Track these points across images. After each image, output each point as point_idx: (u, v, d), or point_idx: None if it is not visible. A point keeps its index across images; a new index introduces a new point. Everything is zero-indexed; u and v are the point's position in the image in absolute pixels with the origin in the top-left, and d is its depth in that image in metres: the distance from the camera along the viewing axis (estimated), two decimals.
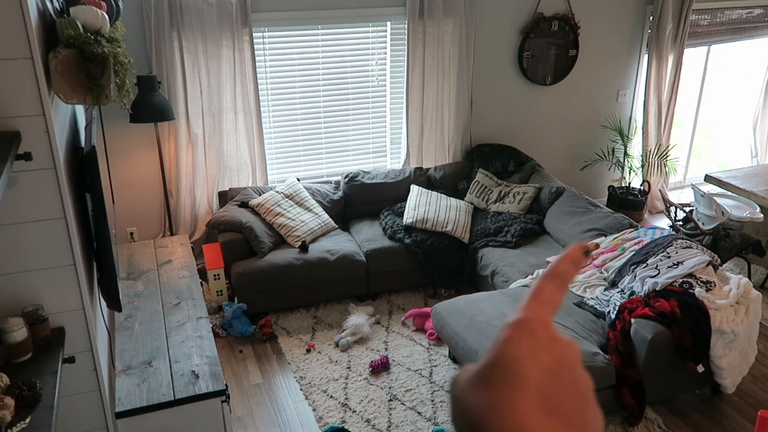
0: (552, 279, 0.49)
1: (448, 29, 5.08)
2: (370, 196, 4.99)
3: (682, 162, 6.74)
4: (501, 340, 0.44)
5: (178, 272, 3.65)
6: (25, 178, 2.02)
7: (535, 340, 0.44)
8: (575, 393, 0.43)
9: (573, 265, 0.50)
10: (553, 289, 0.48)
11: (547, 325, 0.45)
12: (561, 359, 0.44)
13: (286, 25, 4.71)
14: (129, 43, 4.18)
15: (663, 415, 3.51)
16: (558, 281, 0.49)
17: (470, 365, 0.46)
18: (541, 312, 0.46)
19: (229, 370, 3.88)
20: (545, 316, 0.46)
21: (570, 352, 0.45)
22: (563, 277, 0.49)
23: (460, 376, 0.45)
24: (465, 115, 5.41)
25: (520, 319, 0.45)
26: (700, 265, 3.58)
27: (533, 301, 0.47)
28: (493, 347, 0.44)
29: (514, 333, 0.44)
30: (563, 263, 0.50)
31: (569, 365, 0.44)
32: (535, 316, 0.45)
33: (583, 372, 0.45)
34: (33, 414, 1.81)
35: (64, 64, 1.99)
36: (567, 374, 0.43)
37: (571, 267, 0.50)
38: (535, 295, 0.47)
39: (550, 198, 4.87)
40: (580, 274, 3.95)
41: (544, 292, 0.48)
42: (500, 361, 0.42)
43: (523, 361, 0.42)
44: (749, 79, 7.74)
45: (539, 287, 0.48)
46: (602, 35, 5.76)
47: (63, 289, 2.19)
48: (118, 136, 4.53)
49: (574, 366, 0.45)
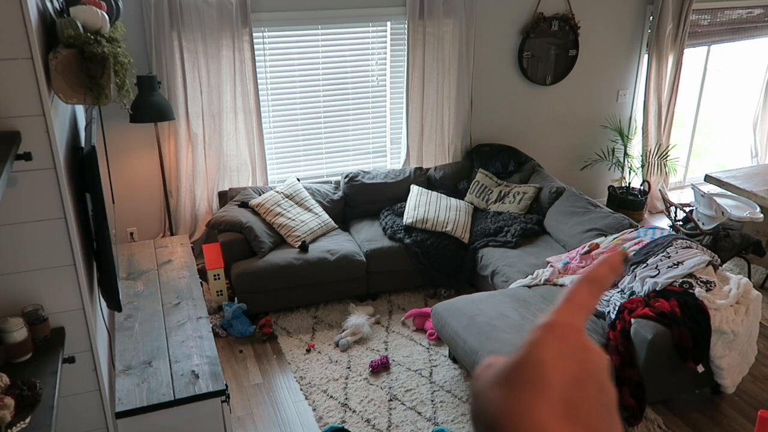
0: (588, 283, 0.47)
1: (448, 29, 5.08)
2: (370, 196, 4.99)
3: (682, 162, 6.73)
4: (530, 341, 0.43)
5: (178, 272, 3.65)
6: (25, 178, 2.02)
7: (565, 346, 0.42)
8: (600, 404, 0.42)
9: (611, 271, 0.48)
10: (588, 294, 0.46)
11: (579, 332, 0.44)
12: (589, 368, 0.42)
13: (286, 25, 4.71)
14: (129, 43, 4.18)
15: (663, 415, 3.51)
16: (594, 286, 0.47)
17: (493, 359, 0.45)
18: (573, 317, 0.45)
19: (229, 370, 3.88)
20: (578, 321, 0.45)
21: (599, 361, 0.44)
22: (600, 283, 0.47)
23: (483, 371, 0.45)
24: (465, 115, 5.41)
25: (552, 322, 0.44)
26: (700, 265, 3.58)
27: (567, 304, 0.45)
28: (521, 347, 0.43)
29: (544, 336, 0.43)
30: (601, 268, 0.48)
31: (597, 375, 0.43)
32: (568, 321, 0.44)
33: (610, 384, 0.44)
34: (33, 414, 1.81)
35: (64, 64, 1.99)
36: (593, 384, 0.42)
37: (609, 273, 0.48)
38: (570, 298, 0.46)
39: (550, 198, 4.86)
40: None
41: (578, 297, 0.46)
42: (526, 363, 0.41)
43: (550, 365, 0.41)
44: (749, 79, 7.74)
45: (574, 291, 0.46)
46: (602, 35, 5.76)
47: (63, 289, 2.19)
48: (118, 136, 4.53)
49: (602, 377, 0.43)
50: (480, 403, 0.42)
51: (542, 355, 0.41)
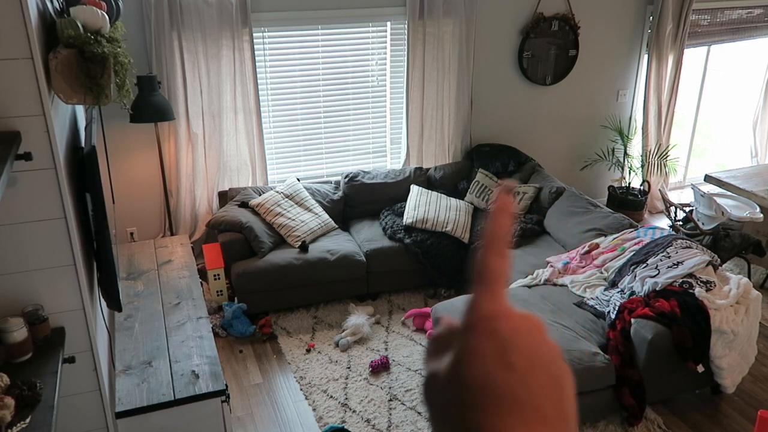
0: (491, 248, 0.42)
1: (448, 29, 5.08)
2: (370, 196, 4.99)
3: (682, 162, 6.73)
4: (465, 353, 0.39)
5: (178, 272, 3.65)
6: (25, 178, 2.02)
7: (500, 341, 0.38)
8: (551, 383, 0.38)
9: (504, 214, 0.43)
10: (497, 258, 0.42)
11: (505, 314, 0.40)
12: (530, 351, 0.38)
13: (286, 25, 4.71)
14: (129, 43, 4.17)
15: (663, 415, 3.51)
16: (499, 245, 0.42)
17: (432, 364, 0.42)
18: (494, 297, 0.40)
19: (229, 370, 3.88)
20: (498, 300, 0.40)
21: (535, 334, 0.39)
22: (502, 236, 0.42)
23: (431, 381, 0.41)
24: (465, 115, 5.40)
25: (477, 322, 0.40)
26: (700, 265, 3.58)
27: (482, 285, 0.41)
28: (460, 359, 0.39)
29: (475, 342, 0.39)
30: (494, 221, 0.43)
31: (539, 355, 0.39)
32: (488, 309, 0.40)
33: (550, 343, 0.40)
34: (33, 414, 1.81)
35: (64, 64, 1.99)
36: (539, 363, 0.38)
37: (504, 218, 0.43)
38: (482, 276, 0.41)
39: (550, 198, 4.86)
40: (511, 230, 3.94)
41: (489, 269, 0.41)
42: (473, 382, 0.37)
43: (495, 375, 0.37)
44: (749, 79, 7.74)
45: (483, 264, 0.41)
46: (602, 35, 5.76)
47: (63, 289, 2.19)
48: (118, 136, 4.53)
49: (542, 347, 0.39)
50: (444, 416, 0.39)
51: (483, 365, 0.38)
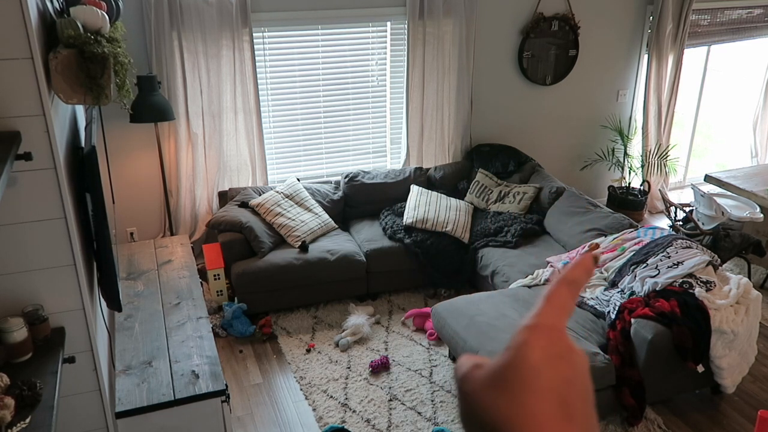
0: (566, 285, 0.48)
1: (448, 29, 5.08)
2: (370, 196, 4.99)
3: (682, 162, 6.73)
4: (518, 344, 0.44)
5: (178, 272, 3.65)
6: (25, 178, 2.02)
7: (553, 347, 0.44)
8: (586, 401, 0.44)
9: (585, 273, 0.50)
10: (566, 295, 0.48)
11: (563, 333, 0.45)
12: (576, 368, 0.44)
13: (286, 25, 4.71)
14: (129, 43, 4.18)
15: (663, 415, 3.51)
16: (571, 288, 0.48)
17: (478, 359, 0.46)
18: (556, 318, 0.46)
19: (229, 370, 3.88)
20: (560, 322, 0.46)
21: (583, 361, 0.46)
22: (576, 284, 0.49)
23: (472, 372, 0.45)
24: (465, 115, 5.40)
25: (537, 324, 0.45)
26: (700, 265, 3.58)
27: (548, 306, 0.47)
28: (509, 349, 0.44)
29: (531, 338, 0.44)
30: (577, 270, 0.49)
31: (582, 374, 0.45)
32: (551, 323, 0.45)
33: (590, 381, 0.46)
34: (33, 414, 1.81)
35: (64, 64, 1.99)
36: (580, 383, 0.44)
37: (583, 275, 0.50)
38: (550, 300, 0.47)
39: (550, 198, 4.87)
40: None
41: (558, 298, 0.47)
42: (520, 366, 0.42)
43: (543, 367, 0.42)
44: (749, 79, 7.74)
45: (553, 293, 0.48)
46: (602, 35, 5.76)
47: (63, 289, 2.19)
48: (118, 136, 4.53)
49: (585, 375, 0.45)
50: (474, 404, 0.44)
51: (533, 356, 0.43)
